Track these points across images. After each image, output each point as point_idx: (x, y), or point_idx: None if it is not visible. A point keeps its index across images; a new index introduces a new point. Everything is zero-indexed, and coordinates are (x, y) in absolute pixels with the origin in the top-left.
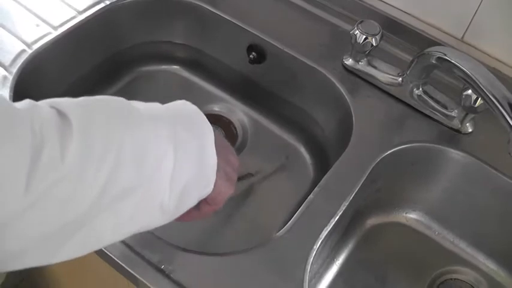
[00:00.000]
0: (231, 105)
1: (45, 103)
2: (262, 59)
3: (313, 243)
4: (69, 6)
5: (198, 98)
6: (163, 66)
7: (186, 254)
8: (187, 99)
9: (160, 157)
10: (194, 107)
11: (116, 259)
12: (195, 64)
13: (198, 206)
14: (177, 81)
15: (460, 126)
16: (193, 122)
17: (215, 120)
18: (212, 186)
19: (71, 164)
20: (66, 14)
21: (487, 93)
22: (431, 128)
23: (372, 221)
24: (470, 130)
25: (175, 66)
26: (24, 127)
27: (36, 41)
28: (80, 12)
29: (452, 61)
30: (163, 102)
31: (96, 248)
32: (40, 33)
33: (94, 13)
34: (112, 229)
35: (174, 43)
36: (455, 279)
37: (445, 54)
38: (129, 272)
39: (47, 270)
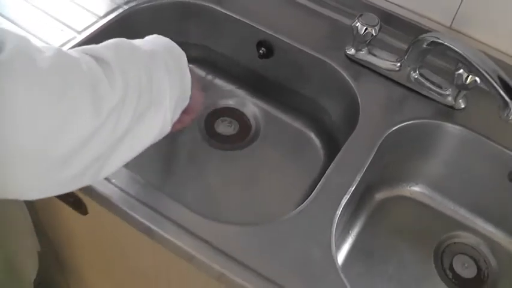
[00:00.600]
0: (243, 99)
1: (80, 50)
2: (270, 53)
3: (336, 210)
4: (91, 12)
5: (213, 94)
6: None
7: (226, 226)
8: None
9: (161, 81)
10: (166, 39)
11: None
12: (208, 62)
13: (178, 119)
14: (192, 78)
15: (454, 103)
16: (172, 50)
17: (229, 113)
18: (189, 99)
19: (119, 93)
20: (88, 19)
21: (479, 69)
22: (428, 106)
23: (380, 195)
24: (463, 106)
25: (190, 65)
26: (77, 74)
27: (62, 45)
28: (101, 17)
29: (446, 43)
30: None
31: (131, 157)
32: (66, 38)
33: (114, 17)
34: (138, 141)
35: (188, 43)
36: (458, 242)
37: (438, 38)
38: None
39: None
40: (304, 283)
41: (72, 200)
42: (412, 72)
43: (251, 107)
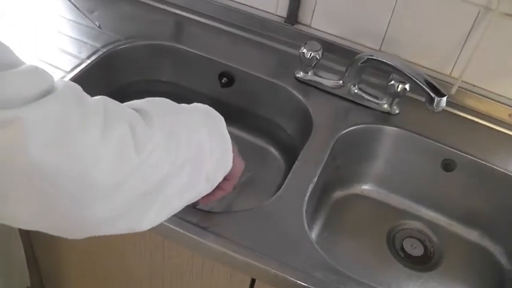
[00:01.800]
0: None
1: (125, 105)
2: (232, 82)
3: (304, 196)
4: (74, 56)
5: None
6: None
7: (214, 215)
8: None
9: (200, 137)
10: (206, 105)
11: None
12: (178, 95)
13: (218, 185)
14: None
15: (389, 109)
16: (211, 113)
17: None
18: (231, 163)
19: (158, 138)
20: (73, 61)
21: (407, 74)
22: (369, 114)
23: (336, 195)
24: (397, 111)
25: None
26: (119, 116)
27: None
28: (84, 59)
29: (378, 58)
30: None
31: (170, 214)
32: (57, 77)
33: (95, 59)
34: (178, 195)
35: (159, 80)
36: (405, 228)
37: (372, 55)
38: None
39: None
40: (286, 252)
41: None
42: (352, 87)
43: None
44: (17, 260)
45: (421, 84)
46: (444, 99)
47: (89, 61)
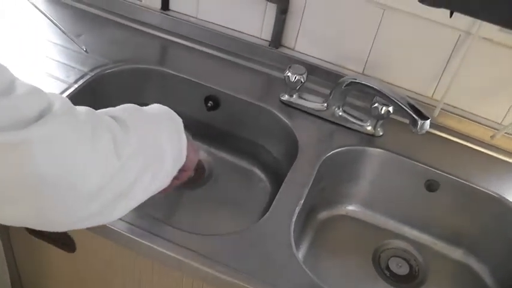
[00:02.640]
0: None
1: (103, 112)
2: (217, 106)
3: (291, 217)
4: (61, 80)
5: None
6: None
7: (203, 237)
8: None
9: (164, 141)
10: (166, 107)
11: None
12: None
13: (175, 176)
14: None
15: (373, 131)
16: (171, 116)
17: None
18: (185, 158)
19: (133, 143)
20: (61, 86)
21: (392, 98)
22: (353, 136)
23: (321, 216)
24: (381, 133)
25: None
26: (103, 127)
27: None
28: (72, 84)
29: (362, 82)
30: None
31: (134, 206)
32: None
33: (83, 83)
34: (142, 192)
35: (146, 104)
36: (390, 248)
37: (355, 79)
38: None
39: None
40: (274, 273)
41: (62, 239)
42: (336, 110)
43: (203, 154)
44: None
45: (404, 107)
46: (428, 122)
47: (76, 85)
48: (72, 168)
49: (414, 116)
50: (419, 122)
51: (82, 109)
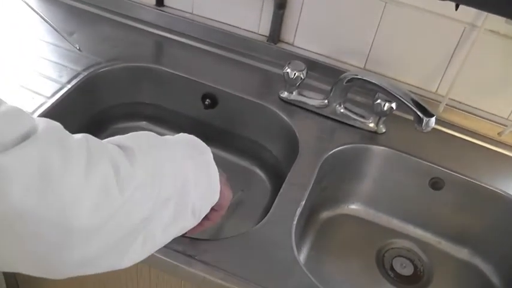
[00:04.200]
0: None
1: (108, 140)
2: (215, 104)
3: (292, 220)
4: (54, 80)
5: None
6: (133, 123)
7: (201, 242)
8: None
9: (185, 171)
10: (192, 136)
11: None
12: (160, 118)
13: (206, 216)
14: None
15: (376, 128)
16: (197, 145)
17: None
18: (218, 194)
19: (140, 175)
20: (54, 86)
21: (394, 94)
22: (355, 133)
23: (323, 216)
24: (384, 130)
25: (143, 122)
26: (103, 156)
27: (35, 110)
28: (65, 84)
29: (363, 78)
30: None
31: (152, 250)
32: (37, 104)
33: (77, 83)
34: (162, 231)
35: (144, 103)
36: (394, 247)
37: (356, 75)
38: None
39: None
40: (276, 278)
41: None
42: (338, 107)
43: None
44: None
45: (408, 104)
46: (433, 119)
47: (69, 85)
48: (59, 203)
49: (419, 113)
50: (425, 119)
51: (78, 135)
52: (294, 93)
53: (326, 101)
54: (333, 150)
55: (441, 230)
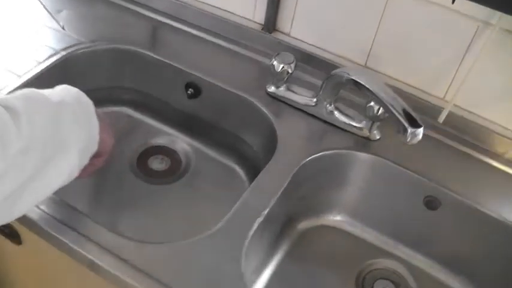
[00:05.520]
0: (174, 137)
1: None
2: (198, 94)
3: (248, 230)
4: (31, 58)
5: (145, 134)
6: (114, 108)
7: (140, 244)
8: (134, 136)
9: (67, 131)
10: (75, 89)
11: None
12: (141, 104)
13: (90, 162)
14: (126, 120)
15: (368, 134)
16: (80, 100)
17: (161, 151)
18: (97, 144)
19: (25, 139)
20: (29, 64)
21: (381, 99)
22: (345, 138)
23: (302, 225)
24: (378, 137)
25: (124, 107)
26: None
27: (2, 89)
28: (41, 62)
29: (352, 77)
30: (118, 137)
31: (37, 201)
32: (6, 82)
33: (53, 62)
34: (45, 186)
35: (124, 87)
36: (379, 268)
37: (349, 74)
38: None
39: None
40: None
41: (8, 230)
42: (328, 106)
43: (181, 144)
44: None
45: (394, 111)
46: (420, 130)
47: (44, 65)
48: None
49: (403, 121)
50: (409, 129)
51: None
52: (281, 88)
53: (315, 99)
54: (317, 155)
55: (434, 253)
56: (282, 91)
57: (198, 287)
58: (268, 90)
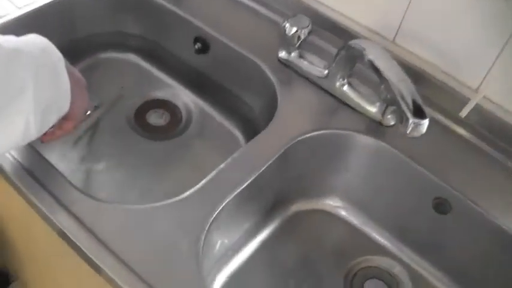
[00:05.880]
0: (178, 92)
1: None
2: (206, 49)
3: (215, 207)
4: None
5: (149, 84)
6: (118, 54)
7: (99, 203)
8: (138, 85)
9: (20, 83)
10: (44, 40)
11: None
12: (148, 53)
13: (58, 125)
14: (131, 68)
15: (381, 118)
16: (46, 52)
17: (162, 105)
18: (69, 104)
19: None
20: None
21: (390, 83)
22: (354, 119)
23: (296, 207)
24: (392, 123)
25: (130, 54)
26: None
27: None
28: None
29: (364, 52)
30: (118, 88)
31: None
32: (3, 11)
33: (48, 3)
34: (2, 136)
35: (127, 33)
36: (374, 266)
37: (361, 46)
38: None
39: None
40: (159, 271)
41: None
42: (341, 80)
43: (184, 99)
44: None
45: (398, 95)
46: (424, 123)
47: (46, 0)
48: None
49: (405, 109)
50: (411, 119)
51: None
52: (292, 54)
53: (326, 71)
54: (314, 133)
55: (440, 261)
56: (293, 58)
57: (144, 256)
58: (279, 55)
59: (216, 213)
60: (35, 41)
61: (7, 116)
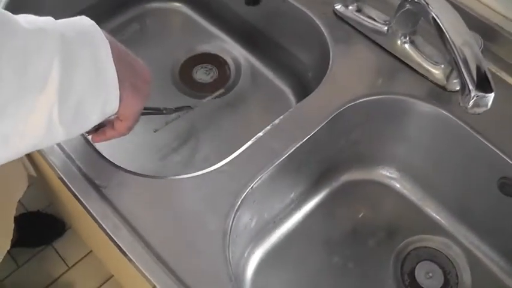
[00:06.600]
0: (228, 46)
1: None
2: (256, 1)
3: (249, 181)
4: None
5: (198, 37)
6: (167, 4)
7: (124, 174)
8: (187, 37)
9: (43, 69)
10: (88, 22)
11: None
12: (197, 2)
13: (112, 124)
14: (179, 18)
15: (445, 82)
16: (86, 33)
17: (210, 60)
18: (117, 101)
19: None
20: None
21: (453, 46)
22: (416, 82)
23: (346, 177)
24: (457, 88)
25: (178, 4)
26: None
27: None
28: None
29: (433, 12)
30: (165, 39)
31: (14, 150)
32: None
33: None
34: (17, 129)
35: None
36: (429, 247)
37: (428, 4)
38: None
39: None
40: (182, 253)
41: None
42: (402, 38)
43: (235, 55)
44: None
45: (460, 62)
46: (489, 97)
47: None
48: None
49: (468, 79)
50: (473, 92)
51: None
52: (350, 7)
53: (385, 27)
54: (369, 98)
55: (503, 246)
56: (350, 11)
57: (164, 232)
58: (336, 7)
59: (254, 183)
60: (73, 23)
61: (22, 105)
